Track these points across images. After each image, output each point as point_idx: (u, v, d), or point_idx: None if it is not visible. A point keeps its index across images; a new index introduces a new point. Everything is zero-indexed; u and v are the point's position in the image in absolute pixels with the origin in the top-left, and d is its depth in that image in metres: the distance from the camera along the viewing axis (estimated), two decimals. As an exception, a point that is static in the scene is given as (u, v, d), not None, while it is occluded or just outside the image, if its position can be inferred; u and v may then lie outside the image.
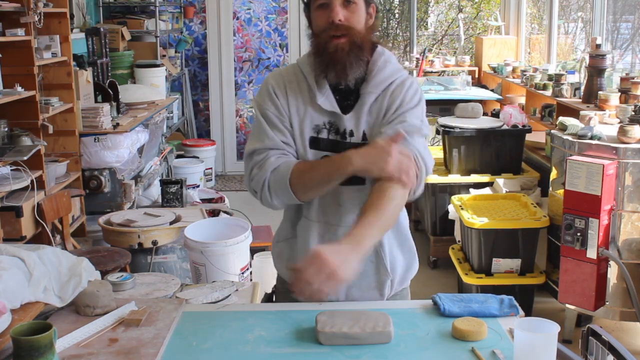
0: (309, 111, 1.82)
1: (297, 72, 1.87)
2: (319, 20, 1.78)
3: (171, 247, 3.90)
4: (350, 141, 1.80)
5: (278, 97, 1.83)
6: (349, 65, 1.76)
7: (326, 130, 1.82)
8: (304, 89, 1.84)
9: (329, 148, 1.81)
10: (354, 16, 1.76)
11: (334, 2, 1.74)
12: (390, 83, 1.83)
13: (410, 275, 1.99)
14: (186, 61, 7.54)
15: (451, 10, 10.18)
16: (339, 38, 1.74)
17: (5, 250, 1.92)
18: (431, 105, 5.78)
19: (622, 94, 4.11)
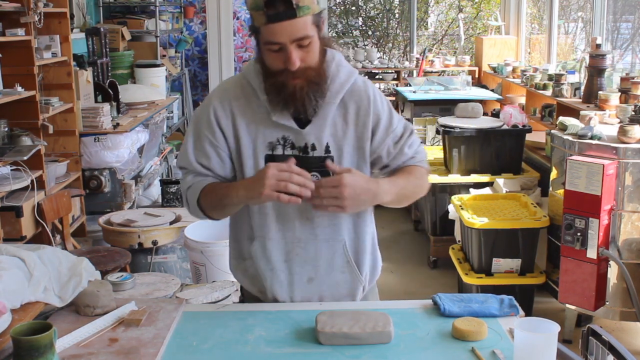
0: (260, 128, 1.75)
1: (244, 87, 1.78)
2: (273, 61, 1.67)
3: (171, 247, 3.90)
4: (313, 155, 1.76)
5: (219, 120, 1.76)
6: (309, 101, 1.70)
7: (281, 146, 1.76)
8: (253, 105, 1.76)
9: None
10: (310, 54, 1.67)
11: (289, 48, 1.63)
12: (350, 89, 1.78)
13: (377, 274, 1.99)
14: (186, 61, 7.54)
15: (451, 10, 10.18)
16: (295, 79, 1.66)
17: (5, 250, 1.92)
18: (431, 105, 5.79)
19: (622, 94, 4.11)
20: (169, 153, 5.98)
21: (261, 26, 1.63)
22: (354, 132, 1.79)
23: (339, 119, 1.77)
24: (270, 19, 1.60)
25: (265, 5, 1.60)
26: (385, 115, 1.82)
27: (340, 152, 1.77)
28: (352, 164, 1.79)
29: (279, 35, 1.62)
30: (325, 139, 1.76)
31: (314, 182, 1.63)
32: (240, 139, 1.76)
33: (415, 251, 5.03)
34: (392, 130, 1.83)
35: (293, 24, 1.61)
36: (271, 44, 1.64)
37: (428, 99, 5.80)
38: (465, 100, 5.14)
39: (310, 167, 1.74)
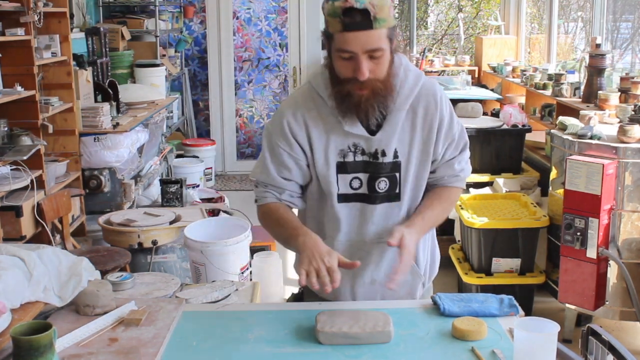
0: (332, 137, 1.79)
1: (314, 97, 1.80)
2: (342, 69, 1.69)
3: (171, 247, 3.90)
4: (383, 161, 1.80)
5: (295, 133, 1.80)
6: (372, 111, 1.74)
7: (352, 153, 1.80)
8: (324, 114, 1.79)
9: (360, 169, 1.81)
10: (380, 66, 1.68)
11: (360, 58, 1.64)
12: (418, 93, 1.81)
13: (436, 270, 2.08)
14: (186, 61, 7.54)
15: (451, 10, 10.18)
16: (363, 90, 1.69)
17: (5, 250, 1.92)
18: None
19: (622, 94, 4.11)
20: (168, 153, 5.97)
21: (335, 33, 1.65)
22: (421, 136, 1.82)
23: (407, 122, 1.80)
24: (346, 27, 1.62)
25: (343, 13, 1.61)
26: (447, 118, 1.85)
27: (407, 157, 1.82)
28: (418, 167, 1.84)
29: (353, 45, 1.63)
30: (394, 144, 1.79)
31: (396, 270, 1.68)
32: (313, 146, 1.80)
33: (415, 251, 5.02)
34: (452, 136, 1.87)
35: (368, 34, 1.62)
36: (343, 52, 1.65)
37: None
38: (465, 100, 5.14)
39: (381, 172, 1.81)
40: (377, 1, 1.61)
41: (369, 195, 1.83)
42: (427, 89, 1.82)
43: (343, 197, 1.83)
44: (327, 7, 1.65)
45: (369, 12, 1.60)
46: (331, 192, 1.82)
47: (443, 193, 1.91)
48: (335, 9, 1.62)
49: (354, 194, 1.83)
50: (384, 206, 1.84)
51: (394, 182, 1.83)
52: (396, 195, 1.84)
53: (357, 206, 1.84)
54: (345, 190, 1.82)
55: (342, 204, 1.83)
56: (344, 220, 1.84)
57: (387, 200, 1.84)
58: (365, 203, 1.84)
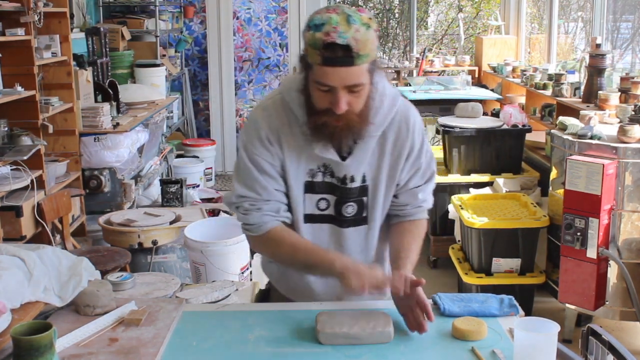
0: (303, 155, 1.74)
1: (288, 113, 1.74)
2: (319, 100, 1.64)
3: (171, 247, 3.90)
4: (351, 186, 1.77)
5: (271, 142, 1.73)
6: (345, 141, 1.70)
7: (321, 173, 1.76)
8: (296, 133, 1.73)
9: (326, 191, 1.78)
10: (358, 100, 1.64)
11: (338, 92, 1.59)
12: (391, 119, 1.76)
13: None
14: (186, 61, 7.54)
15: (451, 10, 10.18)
16: (338, 121, 1.64)
17: (5, 250, 1.92)
18: (431, 104, 5.79)
19: (622, 94, 4.10)
20: (168, 153, 5.97)
21: (315, 64, 1.59)
22: (389, 161, 1.79)
23: (377, 147, 1.77)
24: (326, 61, 1.56)
25: (324, 47, 1.55)
26: (417, 146, 1.81)
27: (375, 182, 1.79)
28: (384, 193, 1.81)
29: (331, 79, 1.58)
30: (362, 170, 1.77)
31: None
32: (285, 162, 1.75)
33: (415, 251, 5.02)
34: (419, 164, 1.83)
35: (348, 71, 1.57)
36: (321, 85, 1.60)
37: (428, 98, 5.80)
38: (465, 100, 5.14)
39: (349, 197, 1.78)
40: (360, 36, 1.54)
41: (336, 217, 1.80)
42: (401, 114, 1.78)
43: (309, 218, 1.79)
44: (307, 36, 1.58)
45: (351, 49, 1.54)
46: (297, 212, 1.78)
47: (413, 229, 1.86)
48: (316, 40, 1.55)
49: (321, 215, 1.79)
50: (352, 230, 1.82)
51: (361, 206, 1.80)
52: (363, 218, 1.82)
53: (324, 228, 1.81)
54: (312, 211, 1.79)
55: (308, 225, 1.79)
56: (312, 241, 1.79)
57: (355, 224, 1.81)
58: (334, 225, 1.81)
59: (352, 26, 1.54)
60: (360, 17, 1.56)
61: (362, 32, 1.55)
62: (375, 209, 1.82)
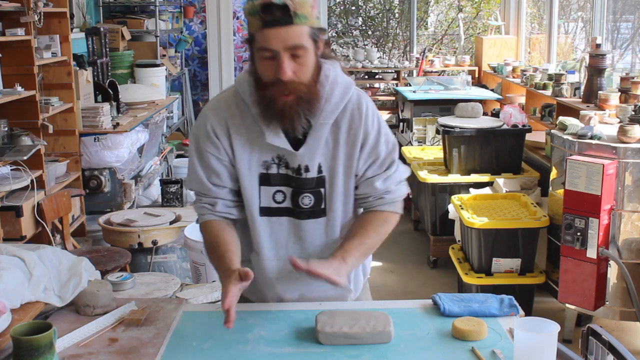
0: (255, 148, 1.73)
1: (239, 103, 1.74)
2: (264, 70, 1.64)
3: (171, 247, 3.90)
4: (306, 177, 1.75)
5: (219, 136, 1.74)
6: (297, 118, 1.67)
7: (275, 165, 1.74)
8: (248, 123, 1.73)
9: (282, 183, 1.76)
10: (303, 68, 1.63)
11: (281, 57, 1.60)
12: (343, 107, 1.74)
13: (366, 277, 2.01)
14: (186, 61, 7.54)
15: (451, 10, 10.17)
16: (287, 95, 1.63)
17: (5, 250, 1.92)
18: (431, 104, 5.79)
19: (622, 94, 4.11)
20: (168, 153, 5.98)
21: (256, 32, 1.61)
22: (344, 151, 1.76)
23: (330, 137, 1.75)
24: (266, 24, 1.58)
25: (262, 10, 1.58)
26: (373, 134, 1.78)
27: (332, 172, 1.76)
28: (343, 183, 1.78)
29: (273, 42, 1.59)
30: (318, 159, 1.74)
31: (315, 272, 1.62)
32: (236, 154, 1.74)
33: (415, 251, 5.03)
34: (376, 153, 1.79)
35: (288, 31, 1.58)
36: (264, 50, 1.61)
37: (428, 98, 5.80)
38: (465, 100, 5.14)
39: (304, 188, 1.75)
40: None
41: (293, 210, 1.78)
42: (354, 102, 1.76)
43: (265, 211, 1.77)
44: (247, 7, 1.63)
45: (288, 8, 1.57)
46: (252, 205, 1.76)
47: (366, 218, 1.83)
48: (254, 7, 1.59)
49: (277, 208, 1.77)
50: (311, 222, 1.78)
51: (319, 198, 1.77)
52: (321, 210, 1.78)
53: (281, 221, 1.79)
54: (268, 204, 1.77)
55: (264, 218, 1.78)
56: (266, 235, 1.79)
57: (313, 216, 1.78)
58: (291, 217, 1.78)
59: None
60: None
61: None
62: (334, 200, 1.78)
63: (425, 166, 4.85)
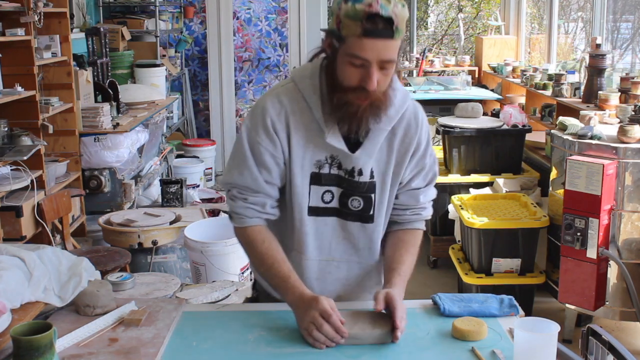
0: (310, 146, 1.71)
1: (299, 100, 1.71)
2: (349, 75, 1.60)
3: (171, 247, 3.90)
4: (359, 180, 1.74)
5: (277, 132, 1.69)
6: (365, 123, 1.66)
7: (328, 165, 1.72)
8: (307, 121, 1.70)
9: (332, 183, 1.74)
10: (386, 78, 1.62)
11: (373, 68, 1.57)
12: (402, 114, 1.74)
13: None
14: (186, 61, 7.54)
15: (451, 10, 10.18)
16: (364, 99, 1.62)
17: (5, 250, 1.92)
18: (431, 105, 5.79)
19: (622, 94, 4.10)
20: (168, 153, 5.98)
21: (351, 37, 1.56)
22: (396, 158, 1.76)
23: (385, 143, 1.74)
24: (367, 33, 1.53)
25: (367, 17, 1.52)
26: (423, 145, 1.80)
27: (382, 178, 1.76)
28: (391, 190, 1.79)
29: (369, 52, 1.55)
30: (371, 164, 1.74)
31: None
32: (292, 151, 1.71)
33: (415, 251, 5.02)
34: (423, 164, 1.81)
35: (386, 44, 1.55)
36: (356, 58, 1.57)
37: (428, 98, 5.80)
38: (465, 100, 5.14)
39: (355, 191, 1.75)
40: (399, 11, 1.54)
41: (340, 210, 1.77)
42: (411, 110, 1.77)
43: (313, 210, 1.75)
44: (345, 8, 1.55)
45: (392, 21, 1.53)
46: (301, 204, 1.74)
47: (409, 240, 1.83)
48: (357, 12, 1.53)
49: (325, 208, 1.76)
50: (357, 225, 1.78)
51: (369, 203, 1.77)
52: (370, 216, 1.78)
53: (327, 221, 1.77)
54: (317, 204, 1.75)
55: (312, 217, 1.76)
56: (312, 235, 1.77)
57: (360, 220, 1.78)
58: (338, 218, 1.77)
59: (392, 0, 1.54)
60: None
61: (400, 8, 1.55)
62: (382, 207, 1.79)
63: (425, 166, 4.84)
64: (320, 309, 1.59)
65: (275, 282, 1.72)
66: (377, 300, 1.63)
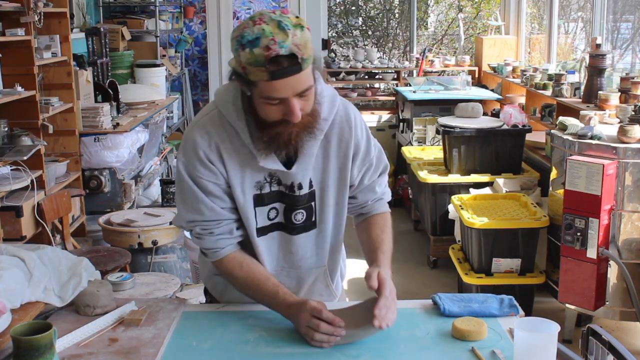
0: (247, 170, 1.68)
1: (226, 127, 1.66)
2: (270, 113, 1.57)
3: (171, 247, 3.90)
4: (300, 194, 1.73)
5: (213, 162, 1.66)
6: (301, 145, 1.65)
7: (267, 184, 1.71)
8: (238, 145, 1.66)
9: (275, 200, 1.73)
10: (308, 102, 1.58)
11: (291, 102, 1.54)
12: (332, 120, 1.72)
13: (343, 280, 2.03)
14: (186, 61, 7.54)
15: (451, 10, 10.18)
16: (293, 127, 1.58)
17: (5, 250, 1.92)
18: (431, 105, 5.79)
19: (622, 94, 4.10)
20: (168, 153, 5.98)
21: (260, 81, 1.53)
22: (336, 164, 1.75)
23: (319, 151, 1.72)
24: (274, 75, 1.49)
25: (269, 62, 1.48)
26: (363, 143, 1.79)
27: (322, 186, 1.76)
28: (335, 196, 1.78)
29: (282, 92, 1.52)
30: (309, 175, 1.73)
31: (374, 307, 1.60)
32: (231, 179, 1.68)
33: (415, 251, 5.03)
34: (369, 160, 1.81)
35: (297, 78, 1.51)
36: (271, 99, 1.55)
37: (428, 98, 5.80)
38: (465, 100, 5.14)
39: (297, 205, 1.74)
40: (299, 40, 1.49)
41: (285, 225, 1.77)
42: (341, 114, 1.74)
43: (261, 231, 1.75)
44: (244, 55, 1.50)
45: (296, 56, 1.48)
46: (250, 226, 1.73)
47: (379, 222, 1.85)
48: (257, 57, 1.48)
49: (271, 225, 1.76)
50: (302, 236, 1.79)
51: (310, 212, 1.77)
52: (312, 223, 1.79)
53: (273, 235, 1.77)
54: (263, 223, 1.75)
55: (261, 238, 1.76)
56: (265, 252, 1.78)
57: (304, 230, 1.78)
58: (284, 232, 1.78)
59: (288, 32, 1.48)
60: (290, 20, 1.51)
61: (299, 36, 1.50)
62: (325, 213, 1.78)
63: (425, 166, 4.85)
64: (309, 308, 1.61)
65: (266, 301, 1.73)
66: (370, 279, 1.63)
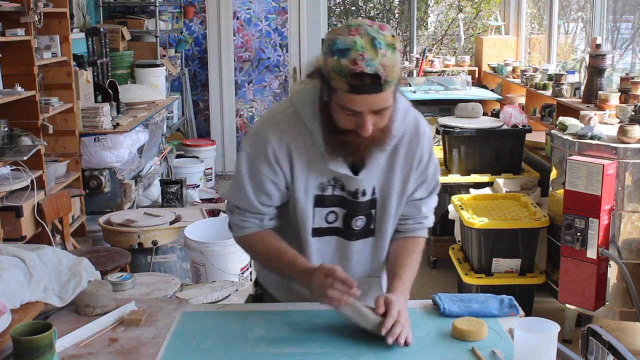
0: (313, 170, 1.70)
1: (300, 126, 1.68)
2: (343, 121, 1.59)
3: (171, 247, 3.90)
4: (362, 200, 1.74)
5: (279, 161, 1.69)
6: (367, 155, 1.67)
7: (331, 187, 1.72)
8: (309, 145, 1.68)
9: (336, 204, 1.75)
10: (383, 119, 1.60)
11: (365, 117, 1.55)
12: (403, 132, 1.73)
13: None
14: (186, 61, 7.54)
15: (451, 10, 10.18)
16: (363, 138, 1.60)
17: (5, 250, 1.92)
18: (431, 105, 5.79)
19: (622, 94, 4.10)
20: (168, 153, 5.98)
21: (340, 90, 1.53)
22: (400, 175, 1.76)
23: (386, 160, 1.73)
24: (354, 89, 1.51)
25: (352, 76, 1.49)
26: (426, 157, 1.79)
27: (384, 194, 1.76)
28: (396, 205, 1.79)
29: (359, 106, 1.54)
30: (373, 182, 1.74)
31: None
32: (294, 177, 1.71)
33: (415, 251, 5.02)
34: (425, 175, 1.81)
35: (375, 97, 1.53)
36: (347, 109, 1.56)
37: (428, 99, 5.80)
38: (465, 100, 5.14)
39: (358, 211, 1.75)
40: (387, 61, 1.49)
41: (344, 230, 1.78)
42: (412, 126, 1.76)
43: (317, 232, 1.77)
44: (331, 61, 1.51)
45: (379, 77, 1.49)
46: (305, 226, 1.75)
47: (410, 247, 1.84)
48: (342, 68, 1.49)
49: (328, 228, 1.77)
50: (360, 242, 1.80)
51: (370, 219, 1.78)
52: (370, 230, 1.80)
53: (331, 240, 1.79)
54: (320, 224, 1.76)
55: (316, 239, 1.77)
56: (317, 254, 1.78)
57: (362, 236, 1.80)
58: (341, 238, 1.79)
59: (379, 51, 1.48)
60: (385, 38, 1.50)
61: (389, 57, 1.50)
62: (384, 222, 1.79)
63: (425, 166, 4.84)
64: (323, 270, 1.63)
65: (286, 272, 1.75)
66: (377, 304, 1.64)
